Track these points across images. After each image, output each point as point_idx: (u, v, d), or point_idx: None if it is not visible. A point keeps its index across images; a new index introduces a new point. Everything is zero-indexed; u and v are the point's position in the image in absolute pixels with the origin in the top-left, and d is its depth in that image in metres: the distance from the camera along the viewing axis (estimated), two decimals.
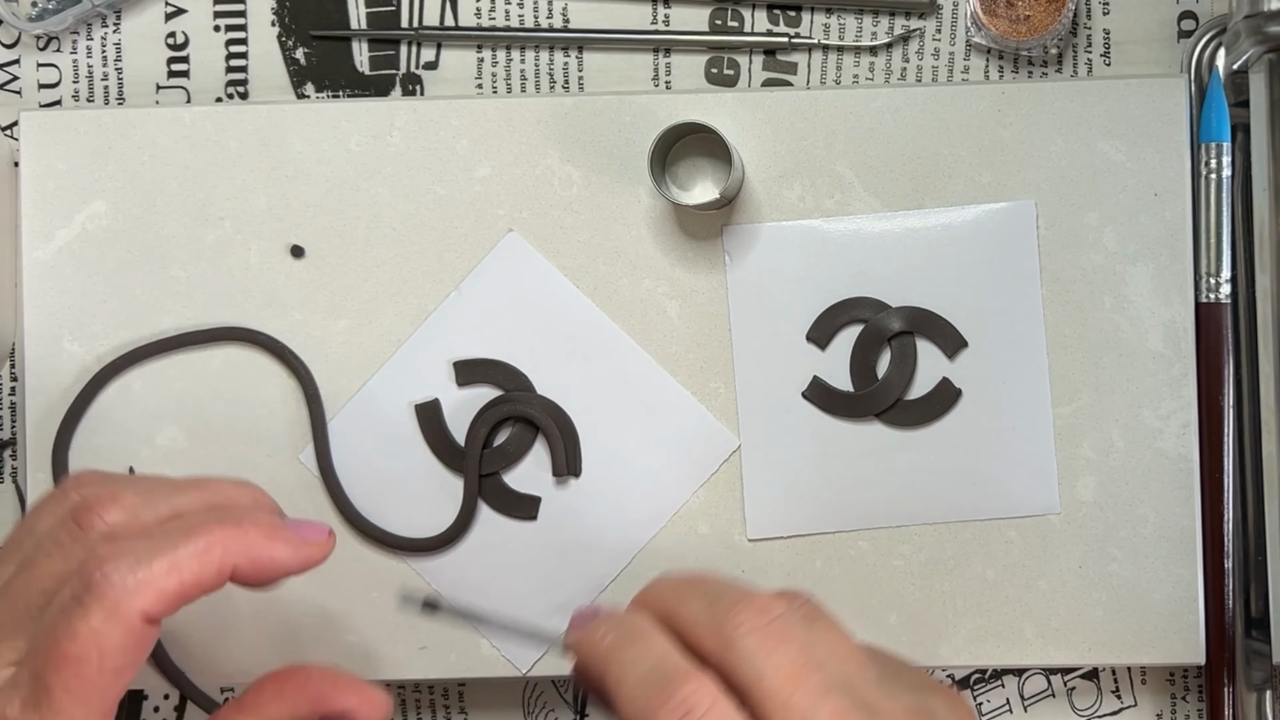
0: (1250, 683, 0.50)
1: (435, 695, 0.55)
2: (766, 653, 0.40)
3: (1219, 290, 0.50)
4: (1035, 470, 0.51)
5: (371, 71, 0.55)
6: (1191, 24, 0.53)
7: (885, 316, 0.51)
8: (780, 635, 0.40)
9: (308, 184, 0.53)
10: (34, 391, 0.53)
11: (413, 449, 0.52)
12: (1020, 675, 0.54)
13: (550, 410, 0.52)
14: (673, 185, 0.51)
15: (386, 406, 0.52)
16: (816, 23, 0.54)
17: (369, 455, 0.52)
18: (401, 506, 0.52)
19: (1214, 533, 0.50)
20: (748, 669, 0.40)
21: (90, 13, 0.55)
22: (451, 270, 0.52)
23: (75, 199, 0.53)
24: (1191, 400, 0.50)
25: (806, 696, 0.40)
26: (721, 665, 0.41)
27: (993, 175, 0.51)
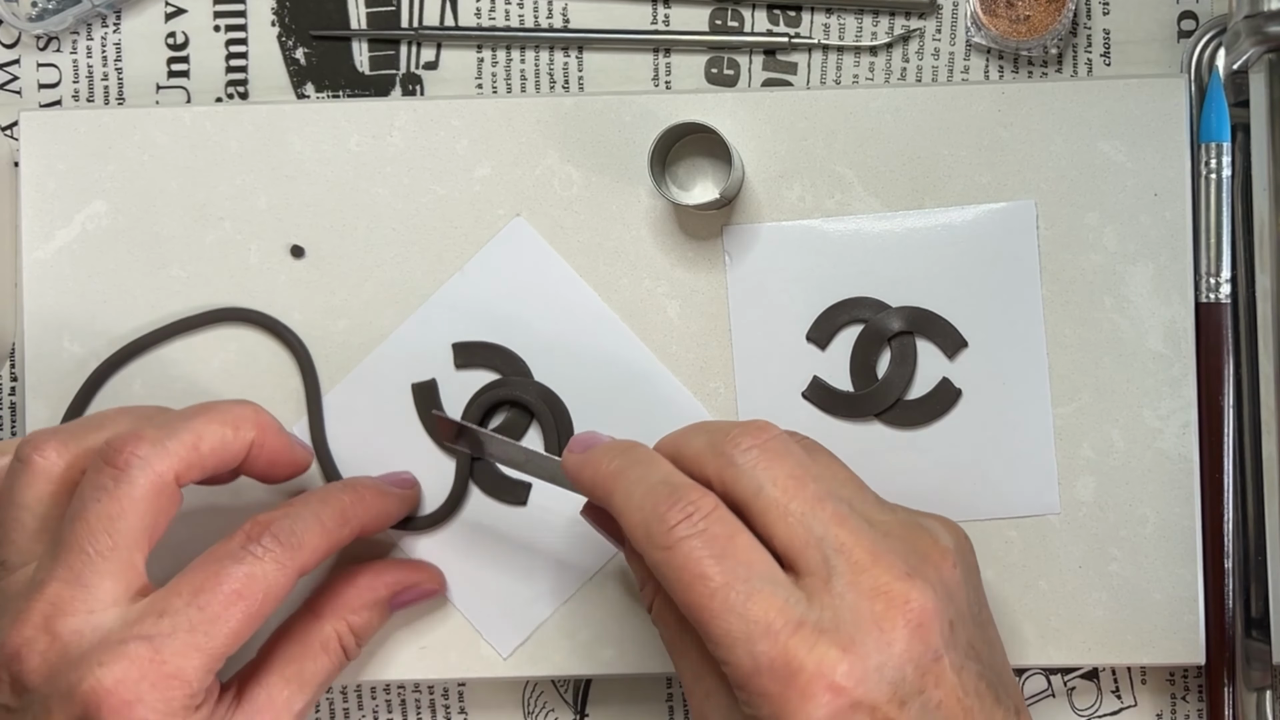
0: (1250, 683, 0.50)
1: (435, 695, 0.55)
2: (765, 465, 0.43)
3: (1219, 290, 0.50)
4: (1035, 470, 0.51)
5: (371, 71, 0.55)
6: (1191, 24, 0.53)
7: (885, 316, 0.51)
8: (778, 450, 0.43)
9: (308, 184, 0.53)
10: (34, 391, 0.53)
11: (407, 428, 0.52)
12: (1020, 675, 0.54)
13: (545, 397, 0.52)
14: (673, 185, 0.51)
15: (383, 384, 0.52)
16: (816, 23, 0.54)
17: (363, 431, 0.52)
18: None
19: (1214, 533, 0.50)
20: (747, 482, 0.43)
21: (90, 13, 0.55)
22: (451, 269, 0.52)
23: (75, 199, 0.53)
24: (1191, 400, 0.50)
25: (805, 503, 0.42)
26: (723, 484, 0.43)
27: (993, 175, 0.51)
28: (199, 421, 0.46)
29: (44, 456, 0.45)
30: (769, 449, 0.43)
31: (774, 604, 0.40)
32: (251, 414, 0.47)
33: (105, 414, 0.48)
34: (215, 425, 0.46)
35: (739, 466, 0.43)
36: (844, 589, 0.41)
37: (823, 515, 0.42)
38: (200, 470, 0.45)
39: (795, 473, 0.42)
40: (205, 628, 0.42)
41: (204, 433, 0.45)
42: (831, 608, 0.40)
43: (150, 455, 0.44)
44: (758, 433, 0.43)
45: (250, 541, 0.44)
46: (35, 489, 0.45)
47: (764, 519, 0.42)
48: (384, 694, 0.55)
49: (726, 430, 0.43)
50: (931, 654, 0.41)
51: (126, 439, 0.44)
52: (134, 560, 0.43)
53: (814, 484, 0.42)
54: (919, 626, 0.40)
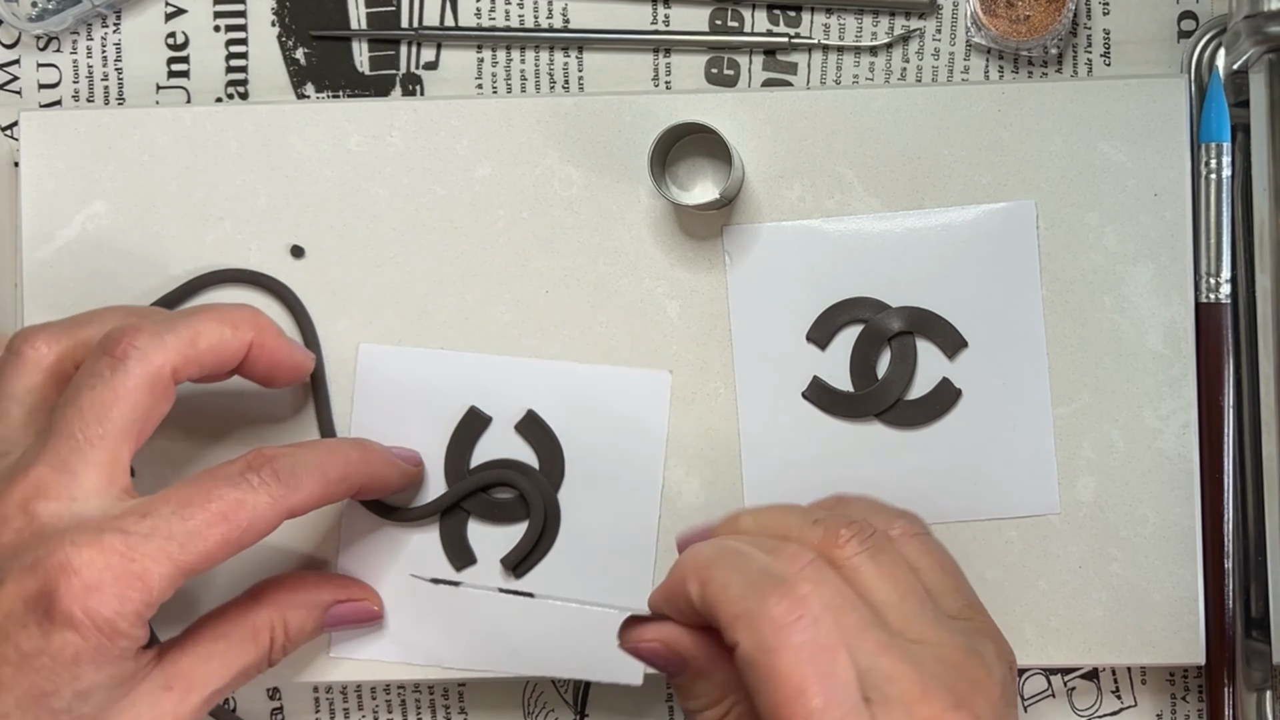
0: (1250, 683, 0.50)
1: (435, 695, 0.55)
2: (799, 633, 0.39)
3: (1219, 290, 0.50)
4: (1035, 470, 0.51)
5: (371, 71, 0.55)
6: (1191, 24, 0.53)
7: (885, 316, 0.51)
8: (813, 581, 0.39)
9: (308, 184, 0.53)
10: None
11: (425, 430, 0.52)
12: (1020, 675, 0.54)
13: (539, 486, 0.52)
14: (673, 185, 0.51)
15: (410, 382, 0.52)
16: (816, 23, 0.54)
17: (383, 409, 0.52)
18: None
19: (1214, 533, 0.50)
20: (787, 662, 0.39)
21: (90, 13, 0.55)
22: (451, 270, 0.52)
23: (75, 199, 0.53)
24: (1191, 400, 0.50)
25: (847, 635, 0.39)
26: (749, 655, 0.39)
27: (993, 175, 0.51)
28: (198, 319, 0.46)
29: (34, 349, 0.45)
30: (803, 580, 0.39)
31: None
32: (250, 315, 0.47)
33: (99, 311, 0.48)
34: (214, 323, 0.46)
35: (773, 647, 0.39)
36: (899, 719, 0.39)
37: (865, 647, 0.39)
38: (198, 367, 0.45)
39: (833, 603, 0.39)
40: (182, 539, 0.42)
41: (202, 329, 0.45)
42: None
43: (148, 347, 0.44)
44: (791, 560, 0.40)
45: (249, 470, 0.44)
46: (25, 380, 0.45)
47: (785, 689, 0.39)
48: (384, 694, 0.55)
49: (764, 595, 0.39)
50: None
51: (125, 330, 0.44)
52: (121, 453, 0.43)
53: (854, 614, 0.40)
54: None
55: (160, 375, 0.44)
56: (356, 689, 0.55)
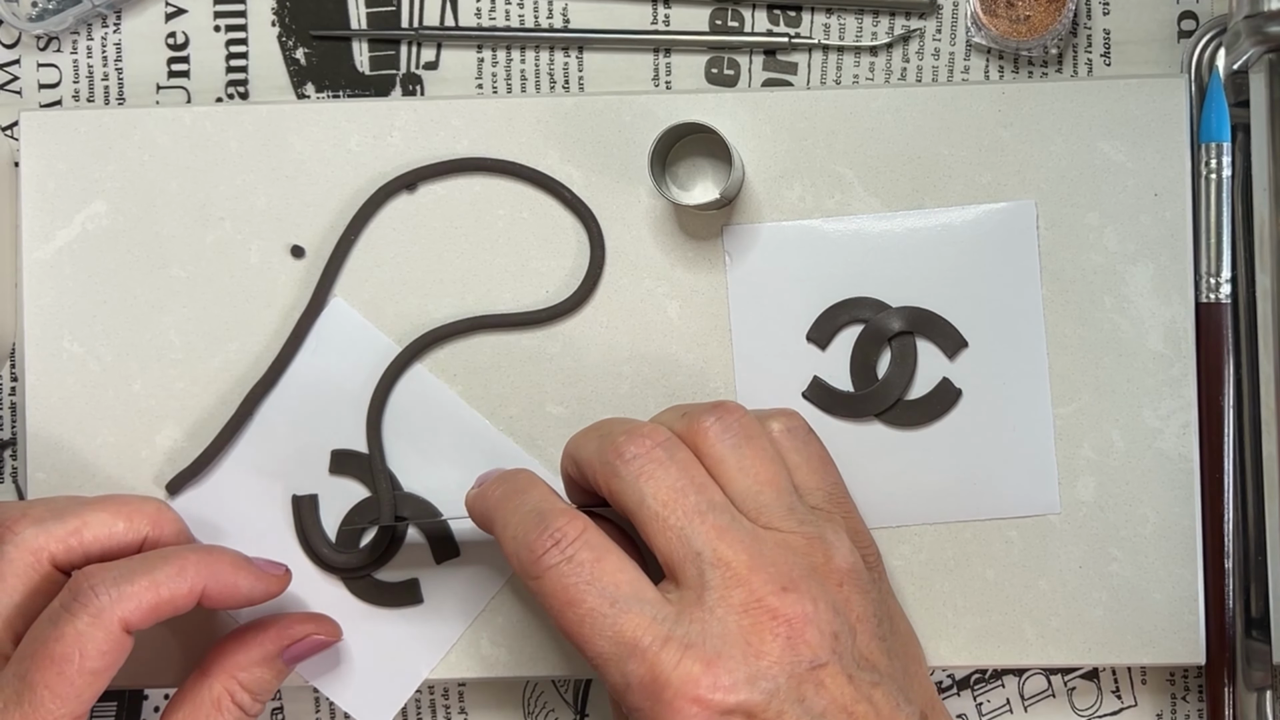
0: (1250, 683, 0.50)
1: (435, 695, 0.55)
2: (647, 476, 0.43)
3: (1219, 290, 0.50)
4: (1035, 470, 0.51)
5: (371, 71, 0.55)
6: (1191, 24, 0.53)
7: (885, 316, 0.51)
8: (660, 460, 0.44)
9: (308, 184, 0.53)
10: (34, 391, 0.53)
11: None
12: (1020, 675, 0.54)
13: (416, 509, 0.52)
14: (673, 185, 0.51)
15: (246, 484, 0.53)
16: (816, 23, 0.54)
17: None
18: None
19: (1214, 533, 0.50)
20: (630, 493, 0.44)
21: (90, 13, 0.55)
22: (452, 270, 0.52)
23: (75, 199, 0.53)
24: (1191, 400, 0.50)
25: (683, 516, 0.43)
26: (609, 493, 0.44)
27: (993, 175, 0.51)
28: (90, 509, 0.47)
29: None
30: (652, 458, 0.43)
31: (641, 622, 0.41)
32: (152, 510, 0.48)
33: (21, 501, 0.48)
34: (106, 515, 0.47)
35: (621, 477, 0.44)
36: (715, 603, 0.42)
37: (702, 529, 0.43)
38: (83, 556, 0.46)
39: (677, 484, 0.43)
40: (29, 697, 0.42)
41: (90, 520, 0.46)
42: (700, 621, 0.41)
43: (28, 534, 0.45)
44: (643, 439, 0.44)
45: (70, 598, 0.43)
46: None
47: (645, 530, 0.43)
48: None
49: (614, 436, 0.44)
50: (807, 663, 0.42)
51: (11, 516, 0.45)
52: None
53: (695, 495, 0.43)
54: (790, 638, 0.42)
55: (38, 561, 0.45)
56: None
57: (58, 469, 0.53)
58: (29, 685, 0.42)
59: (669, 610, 0.42)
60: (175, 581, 0.45)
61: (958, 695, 0.54)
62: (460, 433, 0.52)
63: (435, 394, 0.52)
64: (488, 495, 0.46)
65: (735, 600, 0.42)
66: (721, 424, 0.45)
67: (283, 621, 0.50)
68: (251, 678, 0.48)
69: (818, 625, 0.42)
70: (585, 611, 0.42)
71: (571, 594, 0.42)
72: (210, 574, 0.46)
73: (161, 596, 0.44)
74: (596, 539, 0.43)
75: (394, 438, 0.52)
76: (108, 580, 0.44)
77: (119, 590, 0.44)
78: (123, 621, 0.43)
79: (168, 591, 0.45)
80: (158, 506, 0.48)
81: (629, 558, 0.43)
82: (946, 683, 0.54)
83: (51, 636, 0.43)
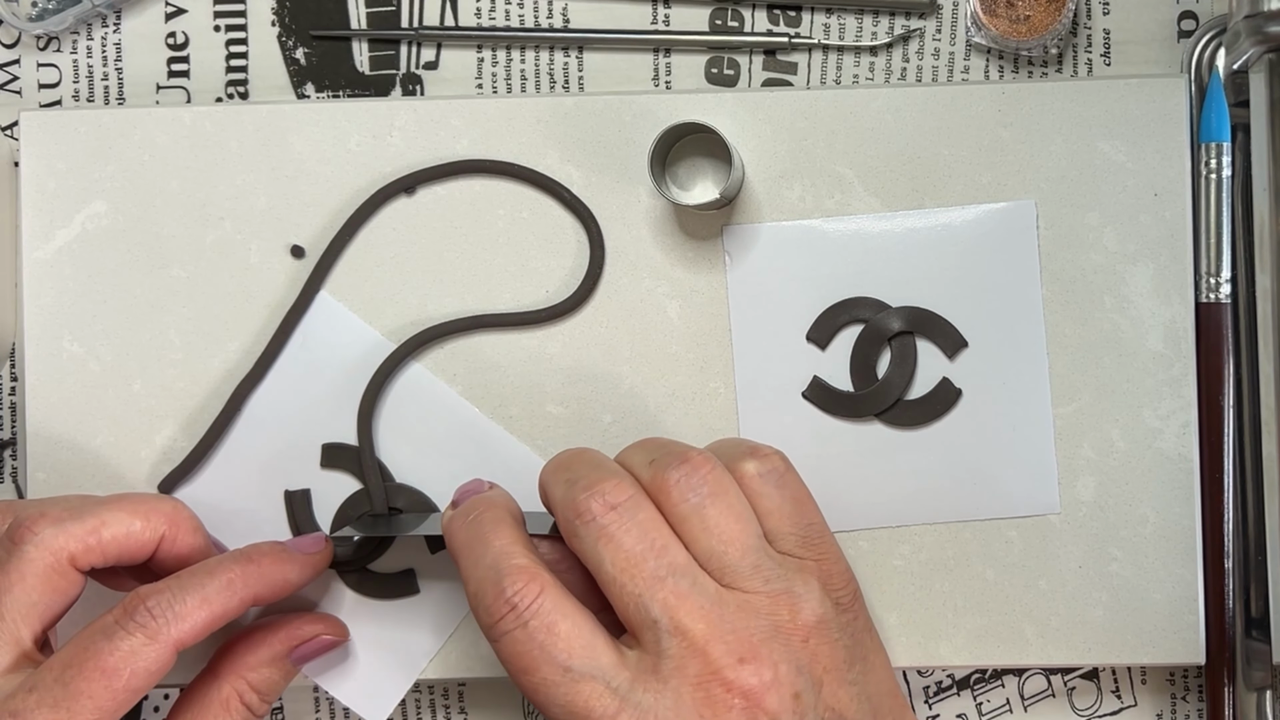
0: (1250, 683, 0.50)
1: (435, 695, 0.55)
2: (605, 540, 0.43)
3: (1219, 290, 0.50)
4: (1035, 470, 0.51)
5: (371, 71, 0.55)
6: (1191, 24, 0.53)
7: (885, 316, 0.51)
8: (619, 524, 0.43)
9: (308, 184, 0.53)
10: (34, 391, 0.53)
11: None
12: (1020, 675, 0.54)
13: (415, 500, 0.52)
14: (673, 185, 0.51)
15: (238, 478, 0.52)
16: (816, 23, 0.54)
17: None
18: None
19: (1214, 533, 0.50)
20: (590, 555, 0.44)
21: (90, 13, 0.55)
22: (451, 270, 0.52)
23: (75, 199, 0.53)
24: (1191, 400, 0.50)
25: (642, 583, 0.43)
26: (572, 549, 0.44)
27: (993, 175, 0.51)
28: (107, 508, 0.46)
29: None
30: (610, 520, 0.43)
31: (594, 691, 0.41)
32: (168, 509, 0.48)
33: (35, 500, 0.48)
34: (123, 514, 0.46)
35: (581, 538, 0.43)
36: (670, 673, 0.42)
37: (659, 595, 0.42)
38: (101, 555, 0.46)
39: (636, 549, 0.43)
40: (68, 704, 0.42)
41: (109, 519, 0.46)
42: (655, 692, 0.41)
43: (46, 533, 0.45)
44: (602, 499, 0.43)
45: (125, 615, 0.44)
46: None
47: (607, 592, 0.43)
48: None
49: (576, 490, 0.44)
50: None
51: (30, 515, 0.45)
52: (20, 634, 0.44)
53: (654, 560, 0.43)
54: (746, 709, 0.42)
55: (58, 561, 0.45)
56: None
57: (58, 469, 0.53)
58: (72, 693, 0.42)
59: (624, 677, 0.42)
60: (226, 596, 0.45)
61: (958, 695, 0.54)
62: (453, 424, 0.52)
63: (429, 389, 0.52)
64: (454, 534, 0.45)
65: (691, 672, 0.42)
66: (687, 481, 0.44)
67: (291, 622, 0.50)
68: (260, 678, 0.48)
69: (777, 691, 0.42)
70: (539, 680, 0.42)
71: (525, 661, 0.42)
72: (259, 580, 0.47)
73: (215, 614, 0.45)
74: (552, 603, 0.42)
75: (387, 431, 0.52)
76: (164, 602, 0.44)
77: (174, 611, 0.44)
78: (177, 642, 0.44)
79: (220, 608, 0.45)
80: (174, 505, 0.48)
81: (587, 618, 0.43)
82: (946, 683, 0.54)
83: (105, 649, 0.43)
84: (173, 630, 0.44)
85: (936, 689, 0.54)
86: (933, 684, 0.54)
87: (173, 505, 0.48)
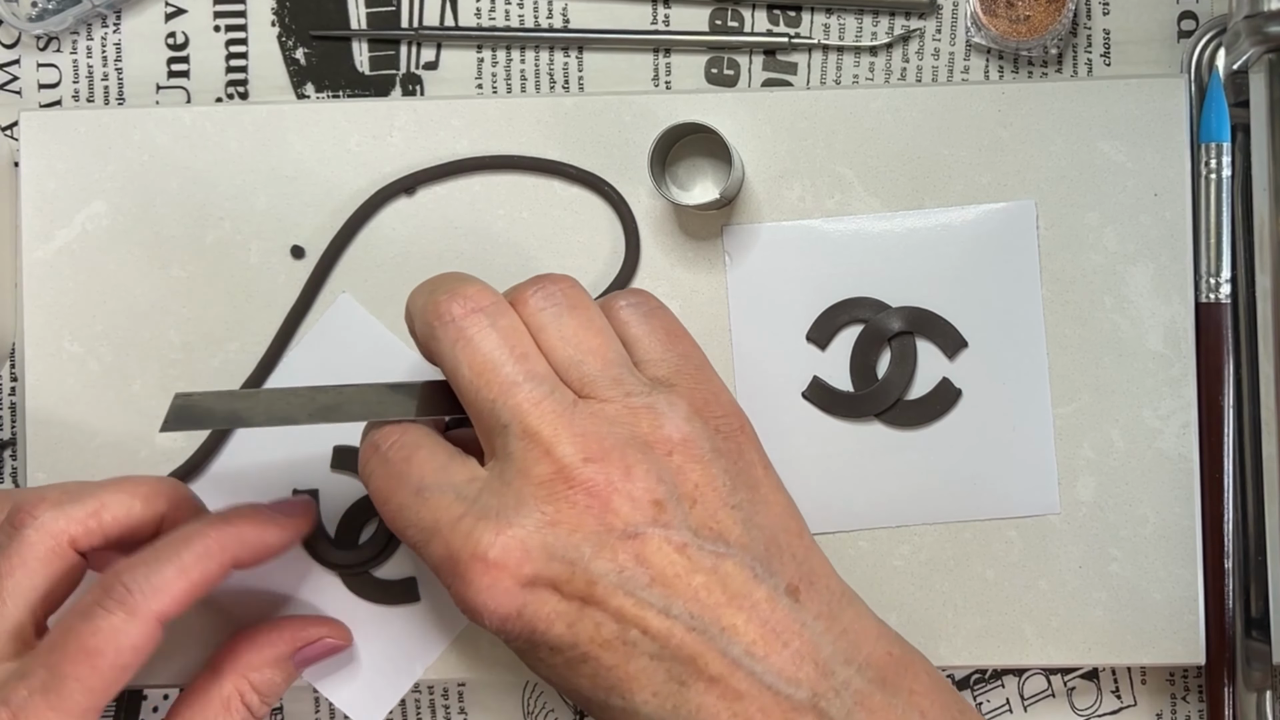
0: (1250, 683, 0.50)
1: (435, 695, 0.55)
2: (463, 345, 0.43)
3: (1219, 290, 0.50)
4: (1035, 470, 0.51)
5: (371, 71, 0.55)
6: (1191, 24, 0.53)
7: (885, 316, 0.51)
8: (478, 328, 0.43)
9: (308, 184, 0.53)
10: (34, 391, 0.53)
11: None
12: (1020, 675, 0.54)
13: None
14: (673, 185, 0.51)
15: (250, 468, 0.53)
16: (816, 23, 0.54)
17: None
18: None
19: (1214, 533, 0.50)
20: (447, 359, 0.43)
21: (90, 13, 0.55)
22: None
23: (75, 199, 0.53)
24: (1191, 400, 0.50)
25: (496, 389, 0.42)
26: (429, 357, 0.44)
27: (993, 175, 0.51)
28: (107, 490, 0.46)
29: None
30: (471, 322, 0.43)
31: (442, 503, 0.42)
32: (168, 489, 0.47)
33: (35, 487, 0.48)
34: (123, 495, 0.46)
35: (439, 340, 0.43)
36: (513, 475, 0.41)
37: (511, 401, 0.42)
38: (102, 537, 0.45)
39: (494, 354, 0.42)
40: (57, 688, 0.42)
41: (109, 501, 0.46)
42: (498, 494, 0.41)
43: (46, 517, 0.44)
44: (465, 300, 0.43)
45: (103, 594, 0.43)
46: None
47: (463, 400, 0.43)
48: None
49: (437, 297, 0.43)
50: (618, 533, 0.41)
51: (29, 500, 0.45)
52: (20, 620, 0.44)
53: (512, 366, 0.42)
54: (590, 507, 0.41)
55: (58, 545, 0.44)
56: None
57: (58, 469, 0.53)
58: (59, 677, 0.42)
59: (473, 489, 0.42)
60: (204, 564, 0.44)
61: None
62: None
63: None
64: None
65: (536, 472, 0.41)
66: (544, 292, 0.44)
67: (296, 624, 0.50)
68: (262, 679, 0.48)
69: (629, 494, 0.41)
70: (396, 506, 0.43)
71: (385, 492, 0.43)
72: (237, 544, 0.46)
73: (194, 582, 0.44)
74: (413, 439, 0.43)
75: None
76: (139, 576, 0.43)
77: (150, 584, 0.43)
78: (158, 615, 0.43)
79: (199, 574, 0.44)
80: (173, 485, 0.48)
81: (445, 447, 0.43)
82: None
83: (85, 630, 0.42)
84: (152, 604, 0.43)
85: None
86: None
87: (172, 485, 0.48)
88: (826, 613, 0.42)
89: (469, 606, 0.41)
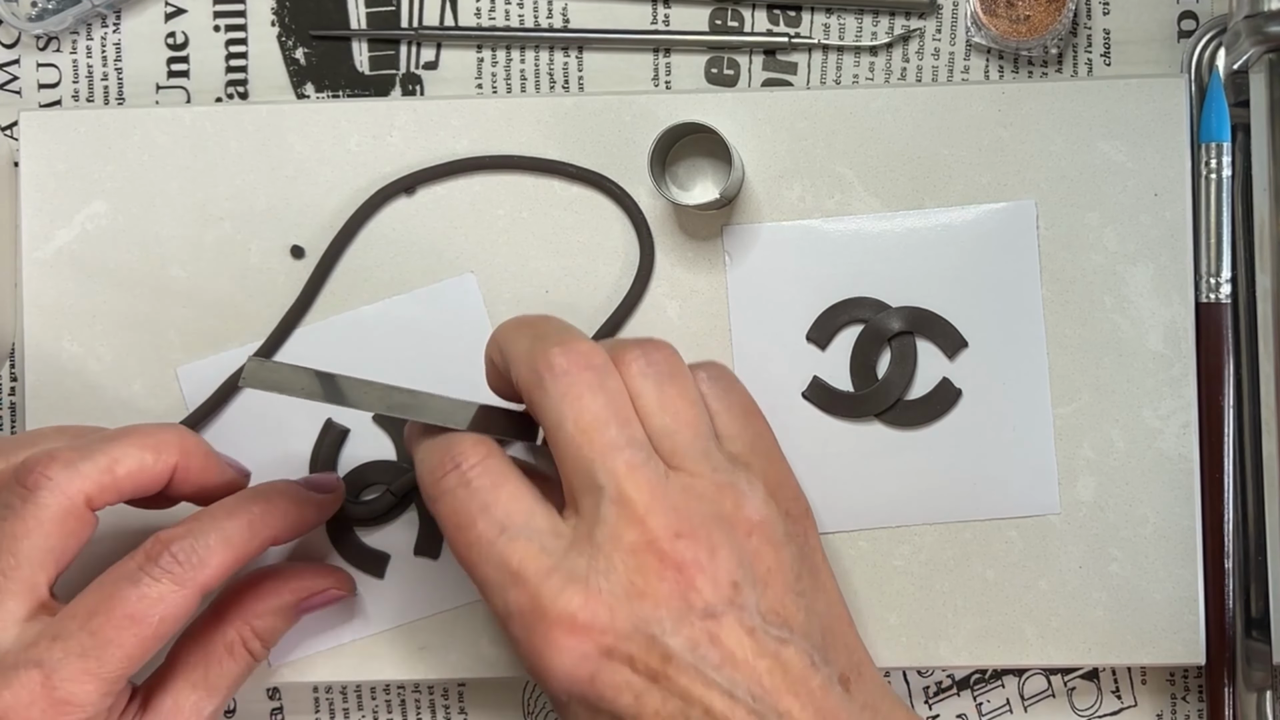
0: (1250, 683, 0.50)
1: (435, 695, 0.55)
2: (572, 399, 0.42)
3: (1219, 290, 0.50)
4: (1035, 470, 0.51)
5: (371, 71, 0.55)
6: (1191, 24, 0.53)
7: (885, 316, 0.51)
8: (588, 384, 0.42)
9: (308, 184, 0.53)
10: (34, 391, 0.53)
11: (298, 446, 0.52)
12: (1020, 675, 0.54)
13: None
14: (673, 185, 0.51)
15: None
16: (816, 23, 0.54)
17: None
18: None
19: (1214, 533, 0.50)
20: (551, 412, 0.42)
21: (90, 13, 0.55)
22: (451, 270, 0.52)
23: (75, 199, 0.53)
24: (1191, 400, 0.50)
25: (597, 450, 0.42)
26: (530, 404, 0.43)
27: (993, 175, 0.51)
28: (118, 444, 0.45)
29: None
30: (581, 380, 0.42)
31: (528, 551, 0.41)
32: (175, 438, 0.46)
33: (37, 432, 0.48)
34: (134, 449, 0.45)
35: (546, 392, 0.42)
36: (604, 539, 0.41)
37: (611, 463, 0.41)
38: (116, 494, 0.45)
39: (601, 414, 0.42)
40: (97, 653, 0.42)
41: (121, 456, 0.45)
42: (588, 556, 0.41)
43: (60, 477, 0.43)
44: (577, 356, 0.42)
45: (149, 561, 0.43)
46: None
47: (557, 452, 0.42)
48: (384, 694, 0.55)
49: (548, 343, 0.42)
50: (699, 612, 0.41)
51: (40, 459, 0.44)
52: (37, 581, 0.43)
53: (616, 429, 0.42)
54: (678, 584, 0.41)
55: (74, 505, 0.44)
56: (356, 689, 0.55)
57: None
58: (101, 641, 0.42)
59: (559, 543, 0.41)
60: (247, 537, 0.45)
61: (958, 695, 0.54)
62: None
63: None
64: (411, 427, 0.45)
65: (626, 540, 0.41)
66: (646, 358, 0.43)
67: (302, 573, 0.50)
68: (265, 625, 0.48)
69: (712, 574, 0.41)
70: (474, 537, 0.42)
71: (463, 518, 0.42)
72: (280, 520, 0.46)
73: (238, 555, 0.44)
74: (497, 466, 0.42)
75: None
76: (187, 547, 0.43)
77: (198, 556, 0.43)
78: (203, 586, 0.44)
79: (242, 549, 0.45)
80: (181, 434, 0.47)
81: (529, 488, 0.42)
82: (946, 683, 0.54)
83: (132, 596, 0.42)
84: (199, 575, 0.43)
85: (936, 689, 0.54)
86: (933, 684, 0.54)
87: (180, 434, 0.46)
88: (871, 705, 0.43)
89: (541, 664, 0.41)
